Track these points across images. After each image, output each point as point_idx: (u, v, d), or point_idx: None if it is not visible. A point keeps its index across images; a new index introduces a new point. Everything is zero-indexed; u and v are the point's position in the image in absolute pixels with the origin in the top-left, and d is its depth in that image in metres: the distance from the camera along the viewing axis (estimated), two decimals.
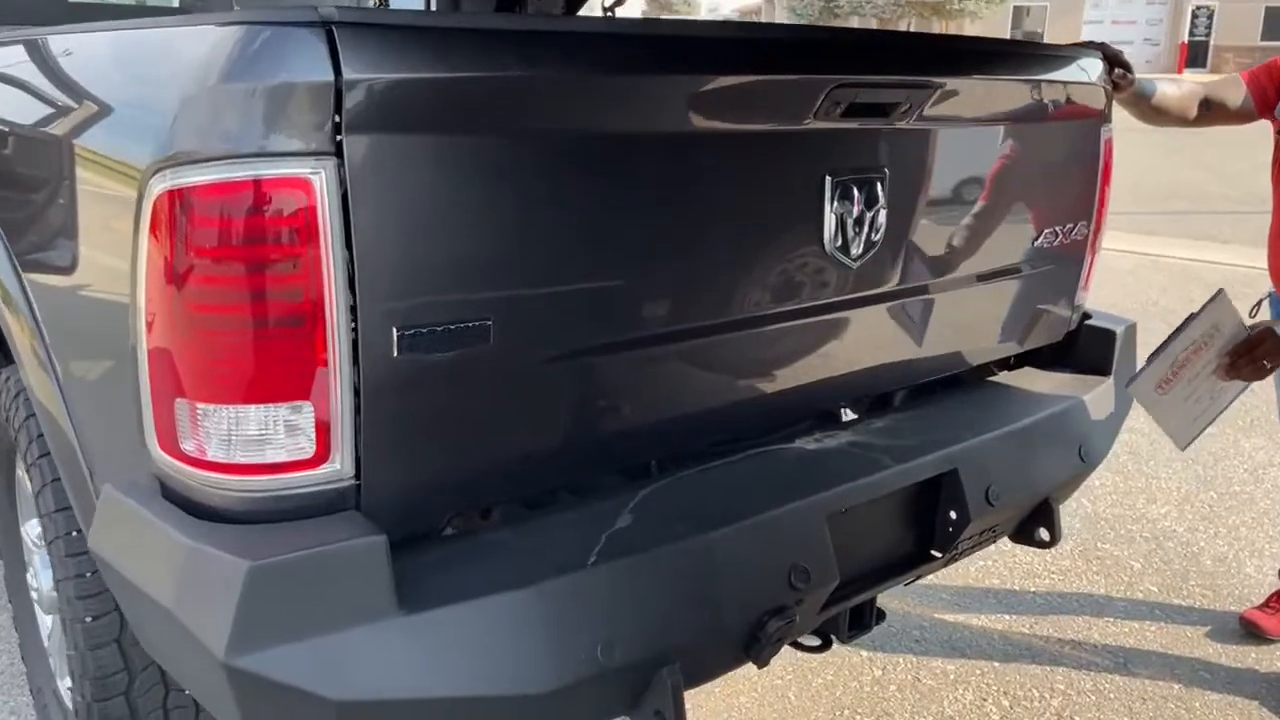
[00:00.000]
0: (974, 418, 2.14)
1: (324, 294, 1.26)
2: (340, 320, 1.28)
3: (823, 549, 1.71)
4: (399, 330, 1.32)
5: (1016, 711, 2.77)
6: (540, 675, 1.39)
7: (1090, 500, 4.02)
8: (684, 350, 1.70)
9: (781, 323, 1.80)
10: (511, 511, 1.67)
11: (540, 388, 1.52)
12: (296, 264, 1.24)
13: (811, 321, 1.86)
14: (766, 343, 1.82)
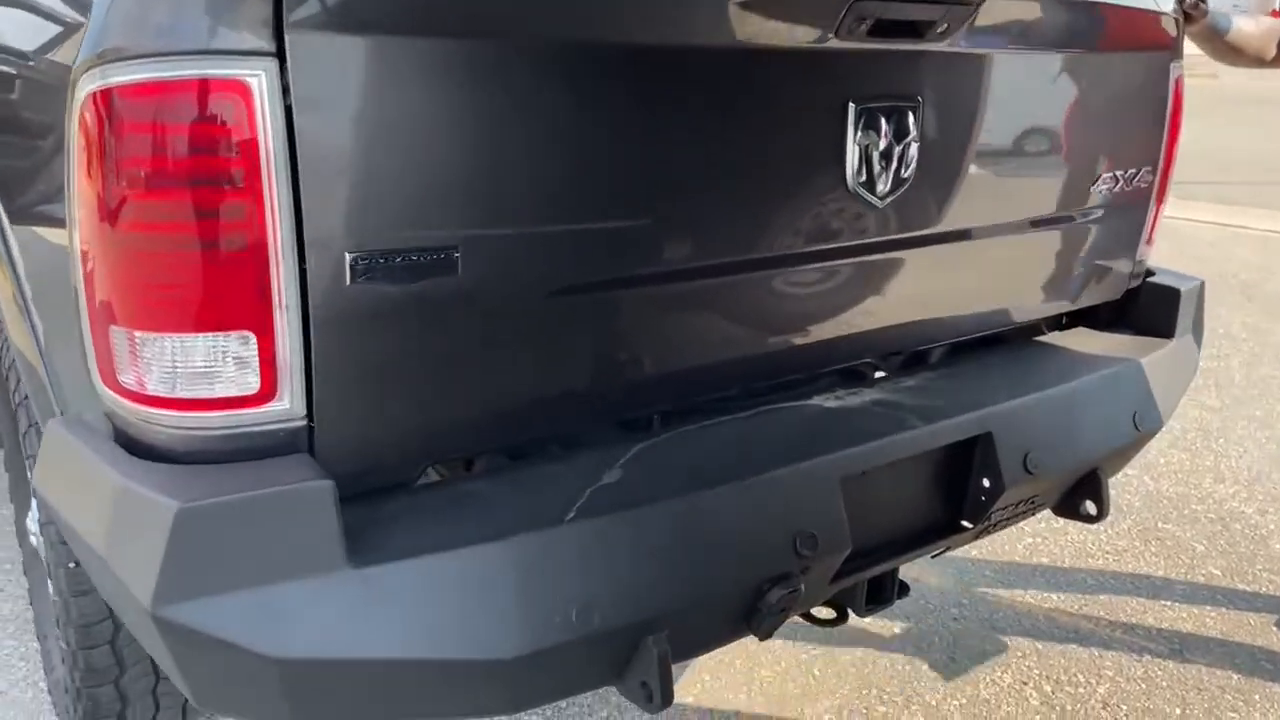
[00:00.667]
0: (1015, 378, 1.96)
1: (265, 213, 1.14)
2: (284, 243, 1.16)
3: (834, 514, 1.56)
4: (352, 257, 1.20)
5: (1059, 697, 2.59)
6: (507, 639, 1.27)
7: (1152, 478, 3.79)
8: (684, 292, 1.55)
9: (796, 266, 1.64)
10: (495, 463, 1.55)
11: (520, 329, 1.39)
12: (234, 177, 1.12)
13: (831, 266, 1.70)
14: (779, 288, 1.66)
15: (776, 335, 1.72)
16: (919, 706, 2.53)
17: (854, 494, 1.63)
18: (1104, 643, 2.82)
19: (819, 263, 1.67)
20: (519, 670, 1.29)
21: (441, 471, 1.59)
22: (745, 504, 1.49)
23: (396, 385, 1.31)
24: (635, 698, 1.44)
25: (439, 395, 1.35)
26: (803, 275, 1.68)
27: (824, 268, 1.69)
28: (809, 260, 1.66)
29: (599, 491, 1.42)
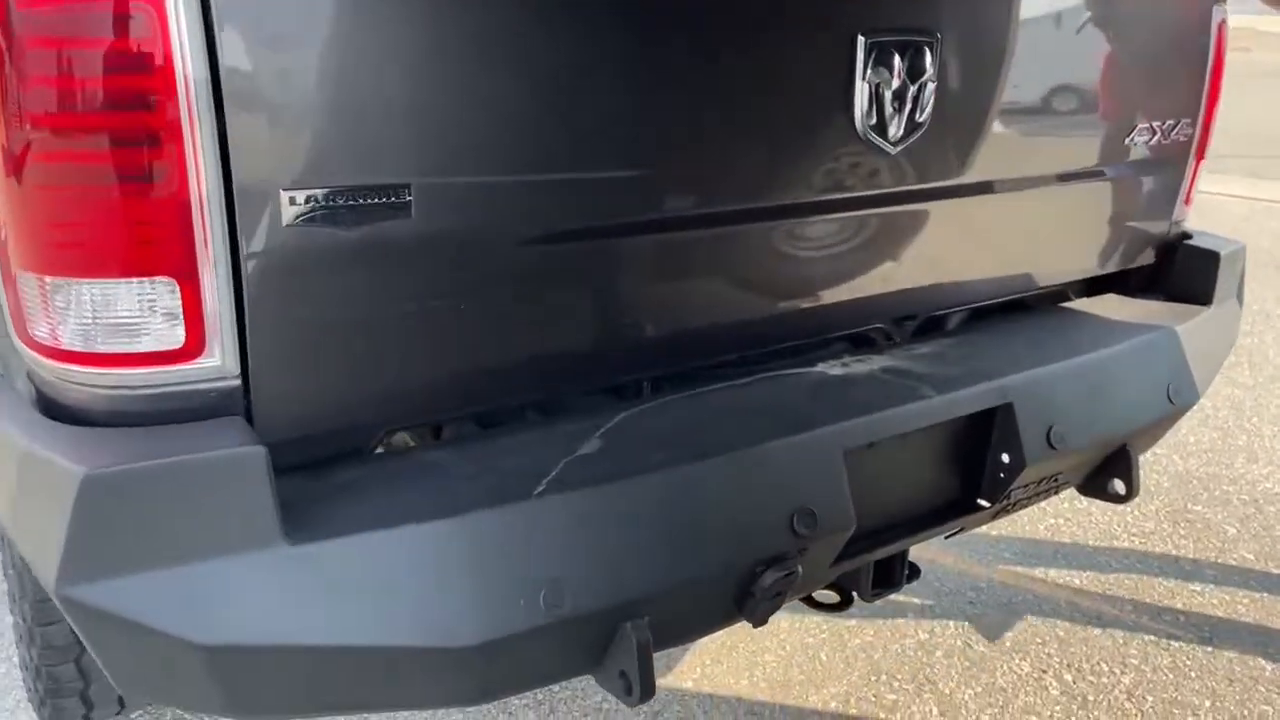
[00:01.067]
0: (1038, 346, 1.81)
1: (185, 143, 1.01)
2: (208, 178, 1.02)
3: (836, 490, 1.41)
4: (287, 194, 1.06)
5: (1080, 687, 2.45)
6: (466, 625, 1.14)
7: (1181, 457, 3.62)
8: (674, 245, 1.41)
9: (798, 218, 1.50)
10: (465, 431, 1.42)
11: (487, 282, 1.25)
12: (146, 100, 0.99)
13: (837, 219, 1.55)
14: (779, 242, 1.52)
15: (776, 295, 1.58)
16: (931, 695, 2.39)
17: (859, 468, 1.48)
18: (1129, 629, 2.67)
19: (823, 215, 1.53)
20: (479, 659, 1.16)
21: (410, 440, 1.46)
22: (737, 478, 1.35)
23: (345, 343, 1.18)
24: (614, 689, 1.32)
25: (394, 355, 1.22)
26: (806, 229, 1.53)
27: (829, 221, 1.55)
28: (812, 212, 1.51)
29: (574, 463, 1.29)
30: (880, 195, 1.57)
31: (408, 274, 1.18)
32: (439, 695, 1.21)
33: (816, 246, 1.56)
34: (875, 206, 1.58)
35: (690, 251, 1.43)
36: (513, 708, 2.31)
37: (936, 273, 1.77)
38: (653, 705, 2.33)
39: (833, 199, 1.52)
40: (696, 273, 1.47)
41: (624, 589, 1.24)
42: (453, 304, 1.24)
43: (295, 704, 1.15)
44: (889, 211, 1.61)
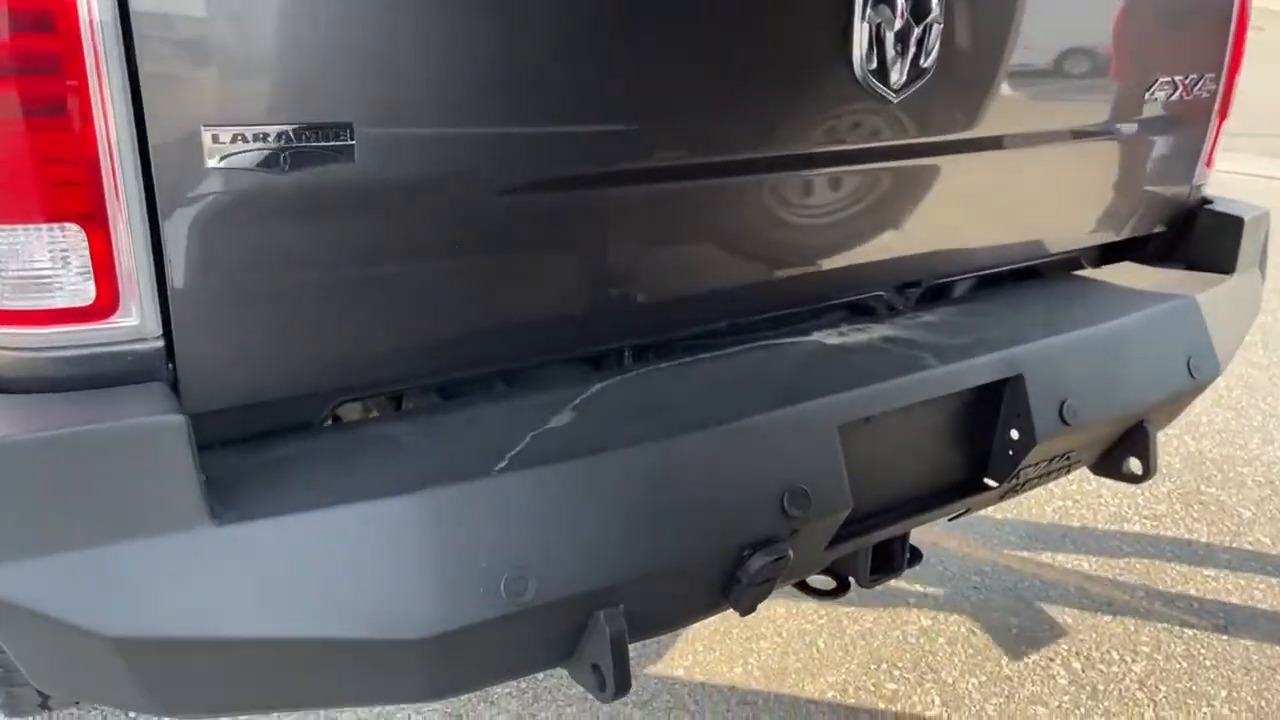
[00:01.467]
0: (1051, 315, 1.69)
1: (87, 70, 0.88)
2: (116, 111, 0.90)
3: (831, 467, 1.30)
4: (209, 131, 0.94)
5: (1090, 675, 2.34)
6: (417, 615, 1.03)
7: (1194, 438, 3.49)
8: (652, 199, 1.29)
9: (790, 171, 1.38)
10: (426, 403, 1.30)
11: (444, 237, 1.14)
12: (40, 19, 0.86)
13: (834, 173, 1.43)
14: (770, 199, 1.40)
15: (767, 257, 1.46)
16: (933, 684, 2.29)
17: (856, 444, 1.37)
18: (1141, 616, 2.55)
19: (818, 169, 1.40)
20: (434, 652, 1.05)
21: (366, 413, 1.35)
22: (722, 454, 1.23)
23: (284, 304, 1.06)
24: (586, 683, 1.21)
25: (342, 318, 1.10)
26: (798, 184, 1.41)
27: (824, 176, 1.42)
28: (805, 165, 1.39)
29: (542, 437, 1.17)
30: (880, 149, 1.45)
31: (353, 227, 1.06)
32: (387, 692, 1.10)
33: (810, 204, 1.44)
34: (875, 161, 1.46)
35: (671, 207, 1.31)
36: (494, 695, 2.21)
37: (940, 236, 1.64)
38: (640, 694, 2.23)
39: (828, 151, 1.39)
40: (679, 231, 1.35)
41: (596, 575, 1.13)
42: (407, 262, 1.12)
43: (227, 702, 1.04)
44: (890, 167, 1.48)
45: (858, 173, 1.46)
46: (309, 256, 1.05)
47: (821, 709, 2.20)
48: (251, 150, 0.96)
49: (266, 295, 1.05)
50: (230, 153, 0.95)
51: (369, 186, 1.05)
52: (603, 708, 2.19)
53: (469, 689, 1.19)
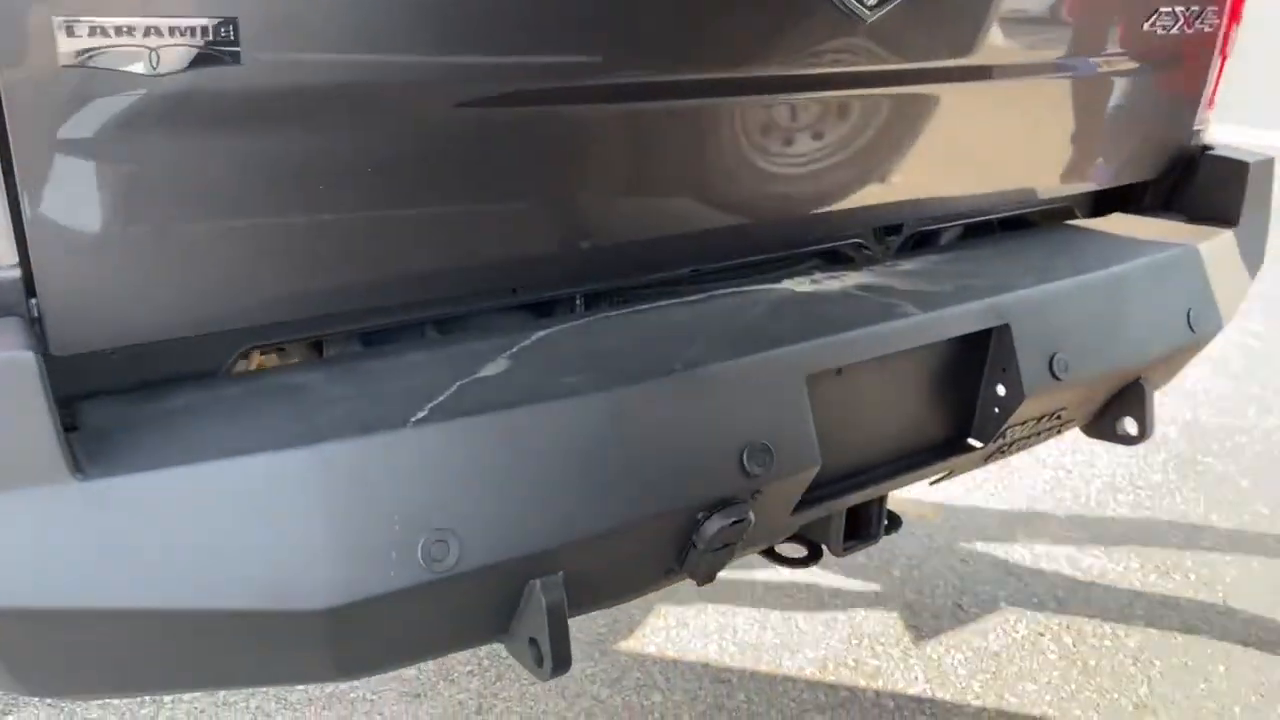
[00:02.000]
0: (1041, 262, 1.56)
1: None
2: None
3: (796, 422, 1.18)
4: (62, 22, 0.81)
5: (1081, 650, 2.23)
6: (318, 584, 0.91)
7: (1190, 406, 3.39)
8: (602, 124, 1.16)
9: (754, 96, 1.25)
10: (348, 351, 1.18)
11: (357, 159, 1.01)
12: None
13: (802, 101, 1.30)
14: (732, 127, 1.27)
15: (734, 196, 1.34)
16: (917, 661, 2.18)
17: (826, 398, 1.25)
18: (1135, 589, 2.45)
19: (785, 94, 1.28)
20: (336, 626, 0.93)
21: (262, 360, 1.22)
22: (675, 406, 1.11)
23: (171, 233, 0.93)
24: (524, 659, 1.09)
25: (238, 251, 0.98)
26: (764, 113, 1.28)
27: (793, 104, 1.29)
28: (772, 89, 1.26)
29: (471, 387, 1.05)
30: (851, 75, 1.32)
31: (244, 144, 0.93)
32: (284, 671, 0.98)
33: (778, 136, 1.31)
34: (845, 88, 1.33)
35: (622, 134, 1.19)
36: (455, 674, 2.10)
37: (920, 176, 1.52)
38: (610, 671, 2.12)
39: (795, 75, 1.27)
40: (628, 163, 1.22)
41: (529, 539, 1.01)
42: (311, 188, 0.99)
43: (103, 683, 0.92)
44: (862, 96, 1.36)
45: (828, 102, 1.33)
46: (195, 178, 0.92)
47: (799, 686, 2.09)
48: (112, 47, 0.83)
49: (144, 223, 0.92)
50: (88, 50, 0.82)
51: (257, 95, 0.92)
52: (568, 686, 2.08)
53: (384, 667, 1.07)
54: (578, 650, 2.18)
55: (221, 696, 2.03)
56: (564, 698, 2.04)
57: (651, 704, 2.04)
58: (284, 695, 2.03)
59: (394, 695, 2.05)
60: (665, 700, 2.05)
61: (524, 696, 2.05)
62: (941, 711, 2.02)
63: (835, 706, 2.04)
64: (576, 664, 2.13)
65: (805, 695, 2.07)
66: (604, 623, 2.28)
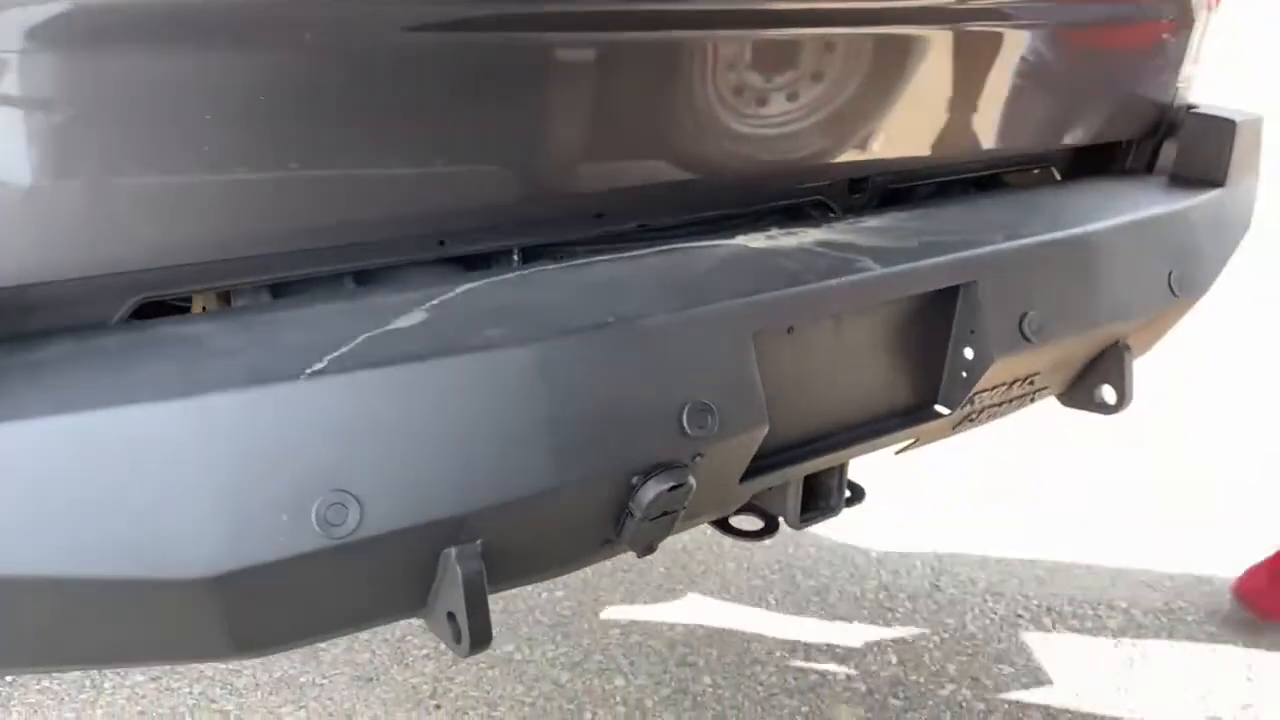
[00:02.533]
0: (1014, 220, 1.48)
1: None
2: None
3: (741, 380, 1.09)
4: None
5: (1060, 631, 2.16)
6: (198, 549, 0.83)
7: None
8: (536, 57, 1.08)
9: (707, 30, 1.16)
10: (254, 302, 1.09)
11: (264, 86, 0.92)
12: None
13: (758, 41, 1.21)
14: (680, 70, 1.18)
15: (685, 145, 1.25)
16: (891, 643, 2.10)
17: (776, 357, 1.17)
18: (1117, 567, 2.37)
19: (725, 30, 1.19)
20: (222, 596, 0.85)
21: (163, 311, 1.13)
22: (607, 361, 1.02)
23: (44, 162, 0.85)
24: (443, 635, 1.01)
25: (122, 184, 0.89)
26: (721, 52, 1.19)
27: (750, 43, 1.21)
28: (728, 25, 1.17)
29: (380, 339, 0.96)
30: (807, 11, 1.23)
31: (131, 61, 0.84)
32: (176, 646, 0.90)
33: (732, 79, 1.22)
34: (802, 25, 1.24)
35: (565, 72, 1.10)
36: (410, 658, 2.02)
37: (884, 130, 1.43)
38: (572, 654, 2.04)
39: (751, 10, 1.18)
40: (572, 102, 1.13)
41: (440, 503, 0.92)
42: (203, 115, 0.90)
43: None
44: (825, 36, 1.27)
45: (787, 42, 1.24)
46: (71, 97, 0.84)
47: (768, 669, 2.02)
48: None
49: (18, 149, 0.83)
50: None
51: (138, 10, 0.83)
52: (527, 670, 2.00)
53: (290, 643, 0.99)
54: (539, 633, 2.10)
55: (164, 681, 1.95)
56: (522, 682, 1.97)
57: (614, 688, 1.96)
58: (229, 680, 1.95)
59: (345, 679, 1.97)
60: (628, 684, 1.97)
61: (481, 681, 1.97)
62: (915, 694, 1.95)
63: (805, 690, 1.96)
64: (537, 646, 2.06)
65: (774, 679, 1.99)
66: (569, 606, 2.20)
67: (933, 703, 1.93)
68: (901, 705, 1.92)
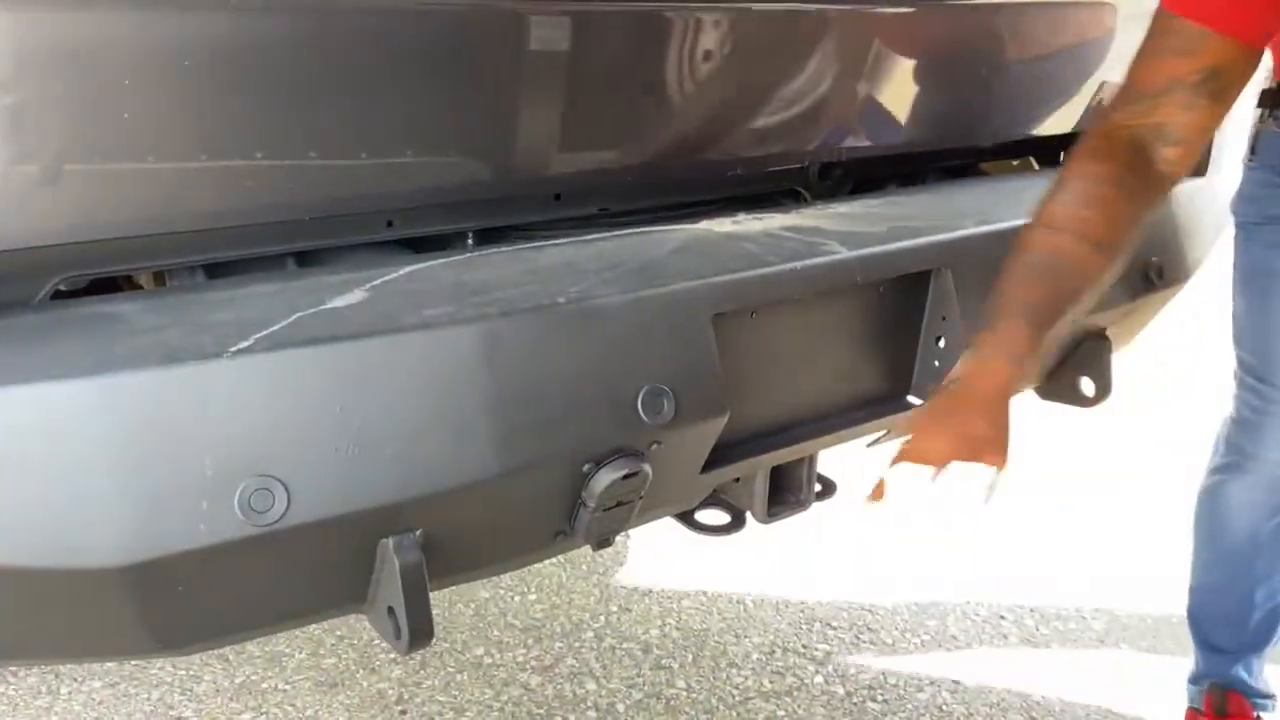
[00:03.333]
0: (988, 206, 1.44)
1: None
2: None
3: (699, 365, 1.05)
4: None
5: (1043, 634, 2.11)
6: (110, 537, 0.78)
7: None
8: (485, 25, 1.03)
9: (647, 3, 1.12)
10: (188, 282, 1.04)
11: (185, 54, 0.88)
12: None
13: (709, 14, 1.17)
14: (634, 44, 1.14)
15: (646, 124, 1.21)
16: (870, 645, 2.05)
17: (738, 342, 1.12)
18: (1102, 570, 2.33)
19: (695, 4, 1.15)
20: (144, 588, 0.80)
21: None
22: (555, 344, 0.98)
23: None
24: (384, 632, 0.96)
25: (45, 157, 0.84)
26: (668, 23, 1.15)
27: (700, 13, 1.17)
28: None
29: (315, 318, 0.91)
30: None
31: (45, 17, 0.80)
32: (96, 642, 0.85)
33: (683, 51, 1.18)
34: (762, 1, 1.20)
35: (520, 40, 1.06)
36: (376, 662, 1.97)
37: (854, 113, 1.40)
38: (543, 658, 1.99)
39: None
40: (528, 73, 1.09)
41: (375, 490, 0.88)
42: (134, 87, 0.85)
43: None
44: (779, 13, 1.23)
45: (745, 20, 1.20)
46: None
47: (743, 673, 1.97)
48: None
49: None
50: None
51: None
52: (496, 674, 1.95)
53: (219, 639, 0.94)
54: (510, 637, 2.05)
55: (122, 687, 1.89)
56: (491, 686, 1.91)
57: (585, 692, 1.91)
58: (189, 686, 1.89)
59: (309, 685, 1.91)
60: (600, 688, 1.92)
61: (449, 685, 1.91)
62: (894, 697, 1.90)
63: (782, 694, 1.91)
64: (507, 650, 2.01)
65: (750, 682, 1.94)
66: (541, 609, 2.15)
67: (912, 706, 1.88)
68: (880, 709, 1.87)
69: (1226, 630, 1.75)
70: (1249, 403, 1.63)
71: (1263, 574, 1.71)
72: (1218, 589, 1.75)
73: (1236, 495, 1.68)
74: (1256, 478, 1.65)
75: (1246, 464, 1.65)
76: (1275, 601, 1.73)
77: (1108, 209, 1.05)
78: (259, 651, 1.98)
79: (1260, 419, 1.62)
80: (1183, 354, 3.44)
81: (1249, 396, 1.63)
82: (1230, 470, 1.68)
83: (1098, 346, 1.49)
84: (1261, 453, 1.63)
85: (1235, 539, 1.70)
